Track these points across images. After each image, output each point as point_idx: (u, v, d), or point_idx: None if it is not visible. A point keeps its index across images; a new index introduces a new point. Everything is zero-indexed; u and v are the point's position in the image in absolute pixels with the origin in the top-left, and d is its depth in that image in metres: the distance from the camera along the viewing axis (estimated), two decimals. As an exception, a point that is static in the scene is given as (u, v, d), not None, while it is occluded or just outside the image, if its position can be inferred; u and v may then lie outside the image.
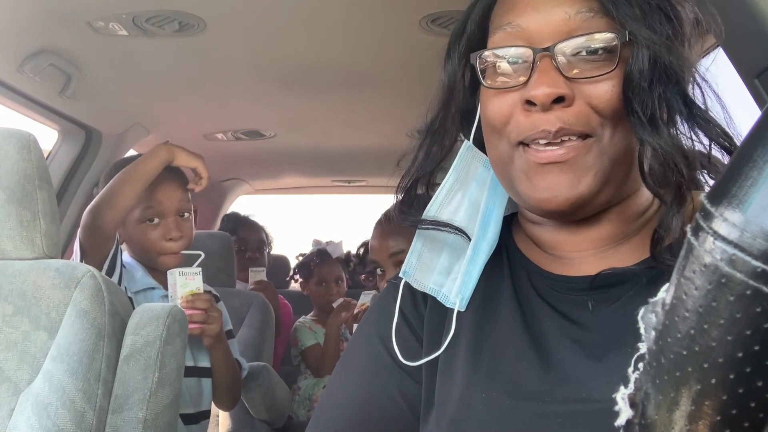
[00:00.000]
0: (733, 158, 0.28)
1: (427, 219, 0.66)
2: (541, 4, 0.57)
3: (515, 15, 0.58)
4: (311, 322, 2.52)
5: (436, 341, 0.65)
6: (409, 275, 0.66)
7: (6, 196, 1.00)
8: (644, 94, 0.53)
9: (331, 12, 1.32)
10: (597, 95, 0.55)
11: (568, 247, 0.62)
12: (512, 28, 0.58)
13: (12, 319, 0.99)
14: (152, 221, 1.44)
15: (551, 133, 0.55)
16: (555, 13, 0.56)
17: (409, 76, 1.60)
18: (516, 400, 0.57)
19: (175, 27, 1.34)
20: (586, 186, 0.56)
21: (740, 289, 0.26)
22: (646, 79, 0.53)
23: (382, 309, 0.70)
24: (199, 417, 1.45)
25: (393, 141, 2.37)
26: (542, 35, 0.56)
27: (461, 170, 0.67)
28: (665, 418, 0.29)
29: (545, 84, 0.54)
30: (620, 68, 0.55)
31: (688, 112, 0.53)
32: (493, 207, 0.66)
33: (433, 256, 0.67)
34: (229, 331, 1.60)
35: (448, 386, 0.62)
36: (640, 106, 0.53)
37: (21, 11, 1.28)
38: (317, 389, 2.37)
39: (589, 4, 0.55)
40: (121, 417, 0.98)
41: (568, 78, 0.55)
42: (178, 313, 1.09)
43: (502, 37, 0.59)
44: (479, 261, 0.65)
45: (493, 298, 0.64)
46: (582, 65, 0.55)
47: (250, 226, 2.70)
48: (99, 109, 1.85)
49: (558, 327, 0.59)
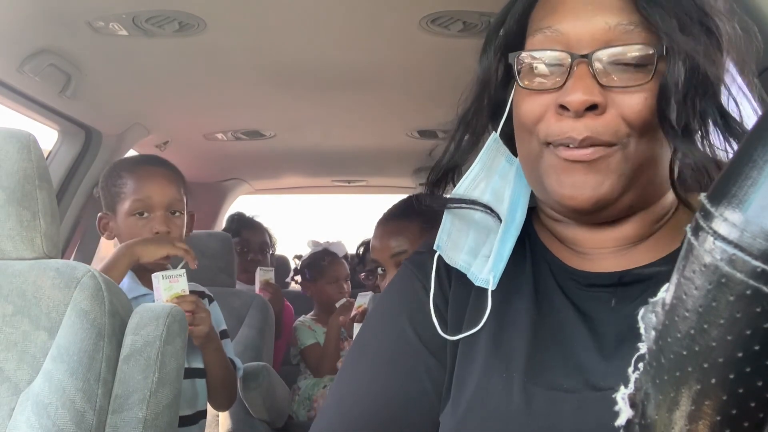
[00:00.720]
0: (733, 158, 0.28)
1: (456, 197, 0.67)
2: (582, 11, 0.57)
3: (556, 19, 0.59)
4: (311, 322, 2.52)
5: (460, 321, 0.65)
6: (442, 249, 0.67)
7: (6, 196, 1.00)
8: (679, 105, 0.54)
9: (331, 12, 1.32)
10: (630, 105, 0.56)
11: (589, 244, 0.63)
12: (552, 32, 0.59)
13: (12, 319, 0.99)
14: (141, 215, 1.44)
15: (577, 141, 0.56)
16: (595, 22, 0.57)
17: (409, 76, 1.60)
18: (535, 386, 0.58)
19: (175, 27, 1.34)
20: (610, 187, 0.57)
21: (740, 289, 0.26)
22: (681, 92, 0.54)
23: (403, 290, 0.70)
24: (197, 417, 1.45)
25: (393, 141, 2.38)
26: (581, 42, 0.57)
27: (487, 160, 0.68)
28: (665, 418, 0.29)
29: (581, 90, 0.55)
30: (655, 80, 0.55)
31: (724, 123, 0.54)
32: (519, 196, 0.67)
33: (461, 235, 0.68)
34: (224, 331, 1.59)
35: (468, 367, 0.62)
36: (675, 116, 0.54)
37: (21, 11, 1.28)
38: (317, 389, 2.37)
39: (630, 17, 0.56)
40: (121, 417, 0.98)
41: (603, 86, 0.56)
42: (178, 314, 1.09)
43: (541, 39, 0.60)
44: (509, 242, 0.66)
45: (514, 286, 0.65)
46: (618, 74, 0.56)
47: (254, 228, 2.69)
48: (99, 109, 1.85)
49: (576, 320, 0.60)
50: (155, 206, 1.44)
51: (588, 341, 0.59)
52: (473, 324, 0.63)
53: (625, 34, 0.56)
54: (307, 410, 2.35)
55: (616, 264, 0.61)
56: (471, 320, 0.64)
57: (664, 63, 0.55)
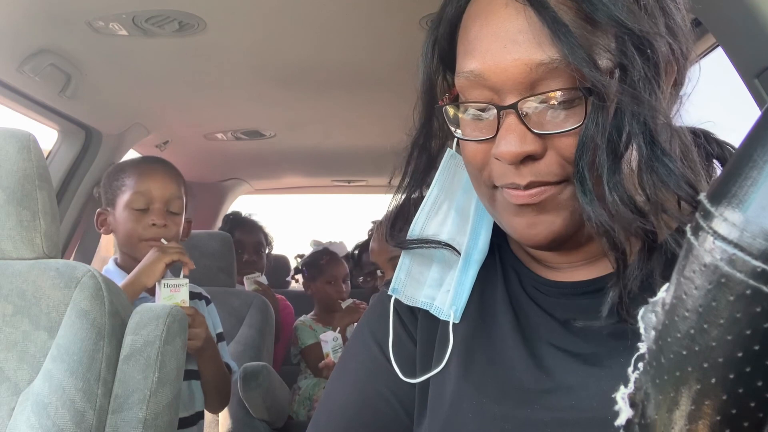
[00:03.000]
0: (733, 158, 0.28)
1: (412, 239, 0.65)
2: (499, 53, 0.53)
3: (475, 61, 0.54)
4: (311, 321, 2.52)
5: (430, 351, 0.65)
6: (399, 292, 0.66)
7: (6, 196, 1.00)
8: (599, 151, 0.50)
9: (331, 12, 1.32)
10: (568, 147, 0.53)
11: (559, 260, 0.62)
12: (474, 77, 0.55)
13: (12, 319, 0.99)
14: (140, 208, 1.45)
15: (521, 186, 0.54)
16: (515, 66, 0.52)
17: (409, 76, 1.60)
18: (506, 408, 0.57)
19: (175, 27, 1.34)
20: (563, 225, 0.55)
21: (740, 289, 0.26)
22: (606, 134, 0.50)
23: (378, 312, 0.70)
24: (195, 418, 1.45)
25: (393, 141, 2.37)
26: (505, 87, 0.53)
27: (445, 180, 0.66)
28: (665, 417, 0.29)
29: (512, 144, 0.53)
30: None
31: (651, 159, 0.50)
32: (483, 214, 0.65)
33: (423, 269, 0.67)
34: (220, 334, 1.60)
35: (440, 393, 0.62)
36: (588, 167, 0.51)
37: (21, 11, 1.28)
38: (317, 389, 2.37)
39: (550, 52, 0.51)
40: (121, 417, 0.98)
41: (536, 133, 0.53)
42: (178, 313, 1.09)
43: (465, 84, 0.56)
44: (471, 271, 0.65)
45: (487, 304, 0.64)
46: (550, 117, 0.53)
47: (248, 228, 2.66)
48: (99, 109, 1.85)
49: (550, 332, 0.59)
50: (154, 200, 1.45)
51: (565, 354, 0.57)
52: (441, 357, 0.63)
53: (550, 73, 0.51)
54: (307, 410, 2.35)
55: (588, 274, 0.60)
56: (439, 353, 0.64)
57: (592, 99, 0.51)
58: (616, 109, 0.50)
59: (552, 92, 0.52)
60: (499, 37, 0.53)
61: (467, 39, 0.56)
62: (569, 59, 0.50)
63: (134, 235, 1.45)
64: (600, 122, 0.50)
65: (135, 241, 1.45)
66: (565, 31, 0.50)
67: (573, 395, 0.55)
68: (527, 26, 0.52)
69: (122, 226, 1.46)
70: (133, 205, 1.45)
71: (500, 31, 0.53)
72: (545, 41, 0.51)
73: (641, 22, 0.50)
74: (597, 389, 0.54)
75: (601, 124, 0.50)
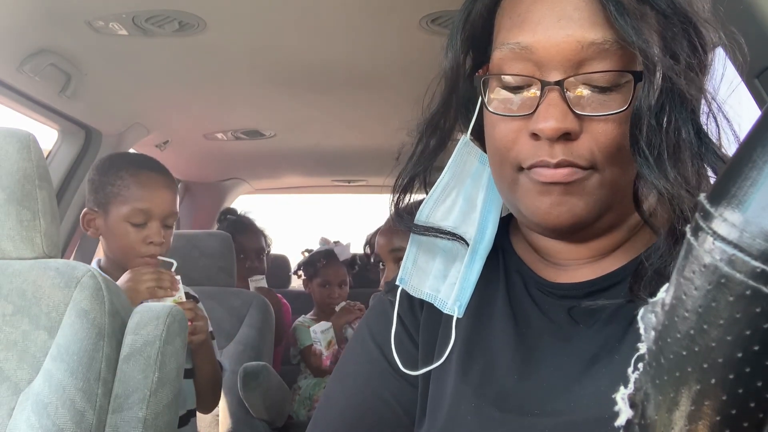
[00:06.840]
0: (733, 158, 0.28)
1: (419, 224, 0.65)
2: (551, 27, 0.53)
3: (524, 33, 0.54)
4: (311, 322, 2.52)
5: (432, 348, 0.64)
6: (406, 282, 0.66)
7: (6, 195, 1.00)
8: (652, 132, 0.50)
9: (331, 12, 1.32)
10: (604, 132, 0.53)
11: (566, 256, 0.62)
12: (520, 48, 0.54)
13: (12, 318, 0.99)
14: (138, 224, 1.42)
15: (551, 164, 0.54)
16: (567, 40, 0.52)
17: (409, 75, 1.60)
18: (504, 412, 0.56)
19: (175, 27, 1.34)
20: (586, 210, 0.55)
21: (740, 290, 0.25)
22: (655, 116, 0.50)
23: (378, 313, 0.69)
24: (188, 417, 1.46)
25: (393, 141, 2.36)
26: (552, 63, 0.53)
27: (457, 167, 0.65)
28: (665, 418, 0.29)
29: (553, 119, 0.52)
30: (632, 106, 0.52)
31: (699, 146, 0.51)
32: (491, 207, 0.65)
33: (428, 259, 0.67)
34: (210, 332, 1.60)
35: (440, 393, 0.62)
36: (647, 145, 0.50)
37: (21, 11, 1.28)
38: (317, 389, 2.37)
39: (604, 32, 0.51)
40: (121, 416, 0.98)
41: (576, 113, 0.53)
42: (178, 313, 1.09)
43: (508, 56, 0.55)
44: (477, 265, 0.64)
45: (487, 305, 0.64)
46: (593, 101, 0.53)
47: (250, 233, 2.62)
48: (99, 108, 1.85)
49: (550, 336, 0.59)
50: (154, 217, 1.43)
51: (564, 358, 0.57)
52: (442, 352, 0.63)
53: (600, 54, 0.52)
54: (307, 410, 2.35)
55: (592, 273, 0.60)
56: (440, 348, 0.64)
57: (641, 84, 0.51)
58: (664, 95, 0.50)
59: (598, 73, 0.52)
60: (555, 11, 0.53)
61: (515, 12, 0.56)
62: (631, 40, 0.50)
63: (130, 251, 1.42)
64: (651, 105, 0.50)
65: (131, 255, 1.42)
66: (626, 12, 0.50)
67: (571, 397, 0.55)
68: (584, 4, 0.52)
69: (117, 238, 1.42)
70: (131, 219, 1.41)
71: (556, 6, 0.53)
72: (600, 21, 0.51)
73: (694, 10, 0.51)
74: (596, 391, 0.54)
75: (652, 107, 0.50)
